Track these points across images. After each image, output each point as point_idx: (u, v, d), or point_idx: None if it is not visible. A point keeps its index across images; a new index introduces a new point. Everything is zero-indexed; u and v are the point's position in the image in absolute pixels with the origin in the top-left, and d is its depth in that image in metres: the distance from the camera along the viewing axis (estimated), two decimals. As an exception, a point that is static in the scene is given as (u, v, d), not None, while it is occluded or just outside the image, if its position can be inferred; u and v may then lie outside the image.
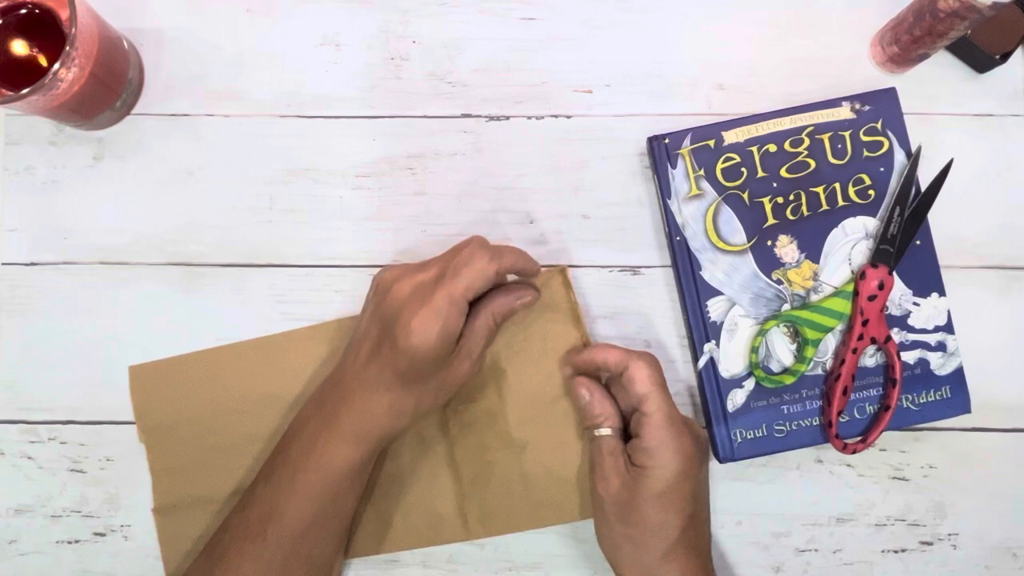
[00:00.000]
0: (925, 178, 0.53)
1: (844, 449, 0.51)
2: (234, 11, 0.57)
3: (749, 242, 0.53)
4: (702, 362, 0.52)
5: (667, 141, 0.53)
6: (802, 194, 0.53)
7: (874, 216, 0.53)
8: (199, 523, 0.52)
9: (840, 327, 0.52)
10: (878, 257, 0.52)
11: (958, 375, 0.52)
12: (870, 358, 0.52)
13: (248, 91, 0.56)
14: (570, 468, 0.52)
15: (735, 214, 0.53)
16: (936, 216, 0.53)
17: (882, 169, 0.53)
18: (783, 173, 0.53)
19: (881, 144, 0.53)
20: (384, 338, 0.46)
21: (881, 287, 0.51)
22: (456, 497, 0.52)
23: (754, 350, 0.51)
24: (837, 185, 0.53)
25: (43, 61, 0.50)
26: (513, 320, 0.52)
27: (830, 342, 0.52)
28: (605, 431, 0.48)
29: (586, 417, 0.49)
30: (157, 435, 0.53)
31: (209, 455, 0.53)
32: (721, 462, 0.52)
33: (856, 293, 0.51)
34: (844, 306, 0.51)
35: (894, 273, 0.52)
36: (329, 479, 0.46)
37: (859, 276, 0.51)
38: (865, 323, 0.51)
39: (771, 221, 0.53)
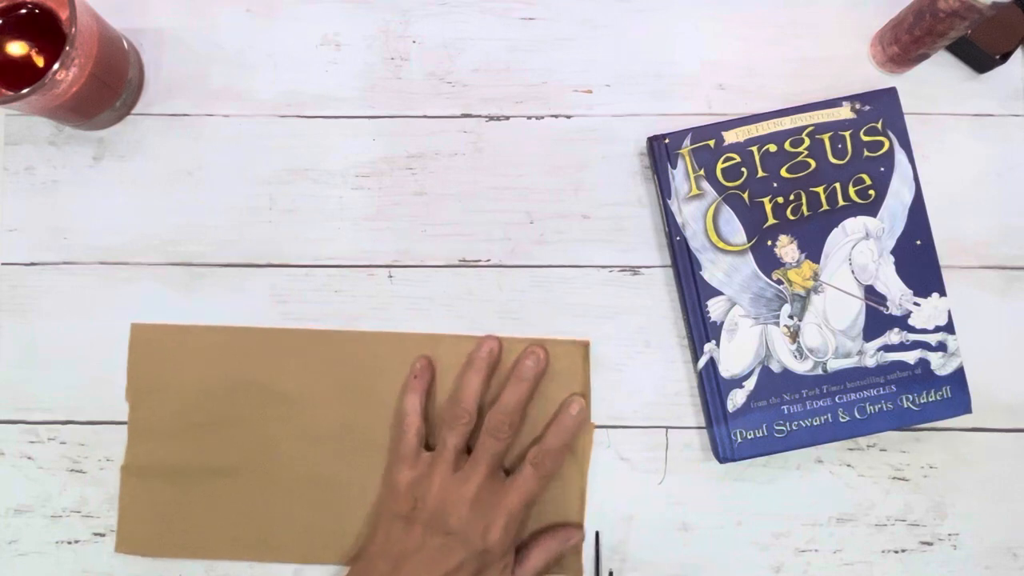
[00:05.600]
0: (926, 178, 0.53)
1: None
2: (234, 11, 0.57)
3: (749, 242, 0.53)
4: (702, 362, 0.52)
5: (667, 141, 0.53)
6: (802, 194, 0.53)
7: (874, 216, 0.53)
8: (161, 492, 0.53)
9: None
10: None
11: (958, 375, 0.52)
12: (870, 358, 0.52)
13: (248, 91, 0.56)
14: None
15: (735, 214, 0.53)
16: (936, 216, 0.53)
17: (882, 169, 0.53)
18: (783, 173, 0.53)
19: (881, 144, 0.53)
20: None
21: None
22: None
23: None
24: (837, 185, 0.53)
25: (43, 61, 0.50)
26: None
27: (830, 341, 0.52)
28: None
29: None
30: (143, 396, 0.53)
31: (187, 428, 0.53)
32: (721, 462, 0.52)
33: None
34: None
35: (897, 275, 0.51)
36: None
37: None
38: None
39: (771, 221, 0.53)
